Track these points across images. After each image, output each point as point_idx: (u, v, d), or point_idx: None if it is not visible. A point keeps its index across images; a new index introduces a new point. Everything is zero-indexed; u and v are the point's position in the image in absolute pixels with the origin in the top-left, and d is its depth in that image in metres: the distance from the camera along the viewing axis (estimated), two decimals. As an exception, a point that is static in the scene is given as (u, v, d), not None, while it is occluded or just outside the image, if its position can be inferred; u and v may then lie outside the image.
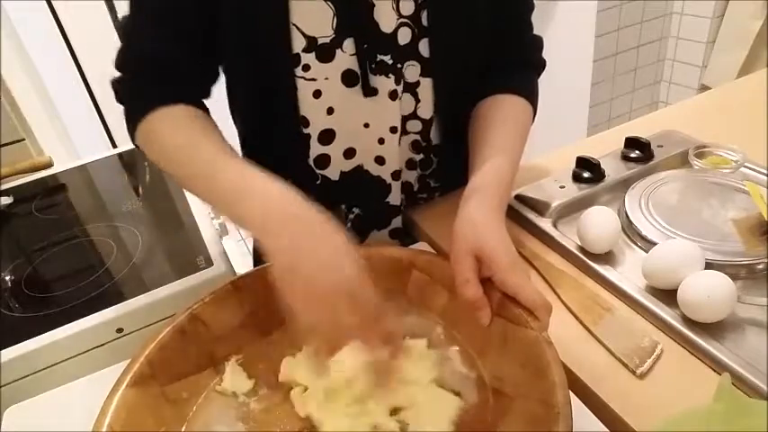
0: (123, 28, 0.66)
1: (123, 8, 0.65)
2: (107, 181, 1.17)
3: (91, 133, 1.56)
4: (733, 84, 1.22)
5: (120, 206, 1.03)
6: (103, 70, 0.68)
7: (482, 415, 0.51)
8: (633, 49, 2.33)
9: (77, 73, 1.53)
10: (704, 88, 2.28)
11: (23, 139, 1.21)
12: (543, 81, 0.78)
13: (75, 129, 1.52)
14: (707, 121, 0.99)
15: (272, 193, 0.53)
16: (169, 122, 0.64)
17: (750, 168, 0.82)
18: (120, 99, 0.67)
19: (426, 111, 0.73)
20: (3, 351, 0.71)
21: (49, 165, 1.21)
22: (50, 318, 0.77)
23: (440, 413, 0.50)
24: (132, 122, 0.65)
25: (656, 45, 2.37)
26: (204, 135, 0.62)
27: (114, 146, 1.57)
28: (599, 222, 0.69)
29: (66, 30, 1.49)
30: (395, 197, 0.78)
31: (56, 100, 1.49)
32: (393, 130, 0.71)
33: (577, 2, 2.10)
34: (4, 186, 1.15)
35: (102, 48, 0.69)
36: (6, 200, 1.09)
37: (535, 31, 0.78)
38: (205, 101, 0.71)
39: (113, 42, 0.67)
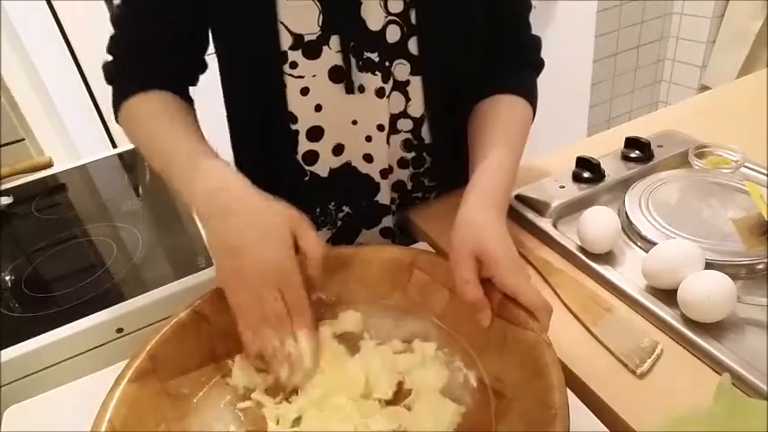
0: (114, 15, 0.68)
1: (123, 8, 0.66)
2: (107, 181, 1.17)
3: (91, 133, 1.56)
4: (733, 84, 1.22)
5: (120, 206, 1.03)
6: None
7: (481, 416, 0.51)
8: (633, 49, 2.33)
9: (77, 73, 1.53)
10: (704, 88, 2.28)
11: (23, 139, 1.21)
12: (543, 81, 0.78)
13: (75, 129, 1.52)
14: (707, 121, 0.99)
15: (213, 179, 0.56)
16: (146, 107, 0.66)
17: (750, 168, 0.82)
18: (108, 79, 0.70)
19: (417, 109, 0.72)
20: (3, 351, 0.71)
21: (49, 165, 1.21)
22: (50, 318, 0.77)
23: (440, 423, 0.50)
24: (116, 102, 0.68)
25: (656, 45, 2.37)
26: (172, 121, 0.65)
27: (114, 146, 1.57)
28: (599, 222, 0.69)
29: (66, 30, 1.48)
30: (384, 196, 0.78)
31: (56, 100, 1.49)
32: (380, 127, 0.71)
33: (577, 2, 2.10)
34: (4, 186, 1.15)
35: (102, 48, 0.70)
36: (6, 200, 1.09)
37: (535, 31, 0.78)
38: (192, 88, 0.73)
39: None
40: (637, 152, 0.85)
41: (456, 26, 0.69)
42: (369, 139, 0.72)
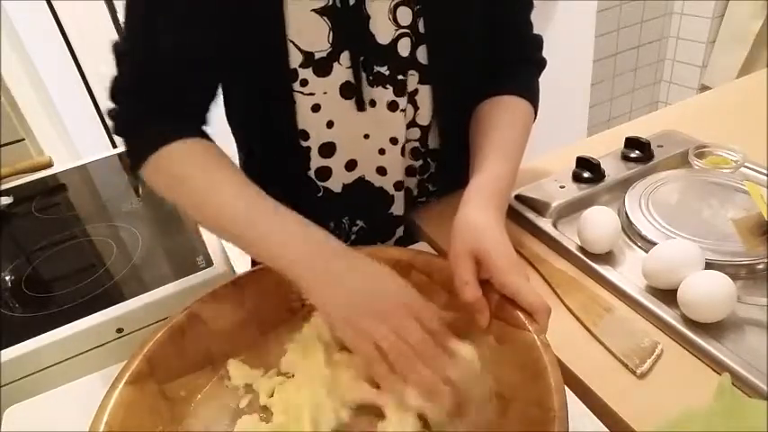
0: (117, 54, 0.62)
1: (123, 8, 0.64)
2: (107, 181, 1.17)
3: (91, 133, 1.56)
4: (733, 84, 1.22)
5: (120, 206, 1.03)
6: (103, 70, 0.68)
7: (480, 417, 0.51)
8: (633, 49, 2.32)
9: (77, 73, 1.53)
10: (704, 88, 2.27)
11: (23, 139, 1.21)
12: (543, 81, 0.78)
13: (75, 129, 1.52)
14: (707, 121, 0.99)
15: (311, 245, 0.54)
16: (184, 163, 0.61)
17: (750, 168, 0.82)
18: (117, 132, 0.64)
19: (424, 118, 0.72)
20: (3, 351, 0.71)
21: (49, 165, 1.21)
22: (50, 318, 0.77)
23: None
24: (137, 159, 0.63)
25: (656, 45, 2.37)
26: (226, 177, 0.60)
27: (114, 146, 1.56)
28: (599, 222, 0.69)
29: (66, 30, 1.49)
30: (398, 207, 0.77)
31: (56, 100, 1.49)
32: (394, 141, 0.71)
33: (577, 2, 2.10)
34: (4, 186, 1.15)
35: (102, 48, 0.69)
36: (6, 200, 1.09)
37: (535, 31, 0.77)
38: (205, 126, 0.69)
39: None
40: (637, 152, 0.85)
41: (463, 32, 0.69)
42: (382, 152, 0.72)
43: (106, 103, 0.65)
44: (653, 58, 2.41)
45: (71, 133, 1.52)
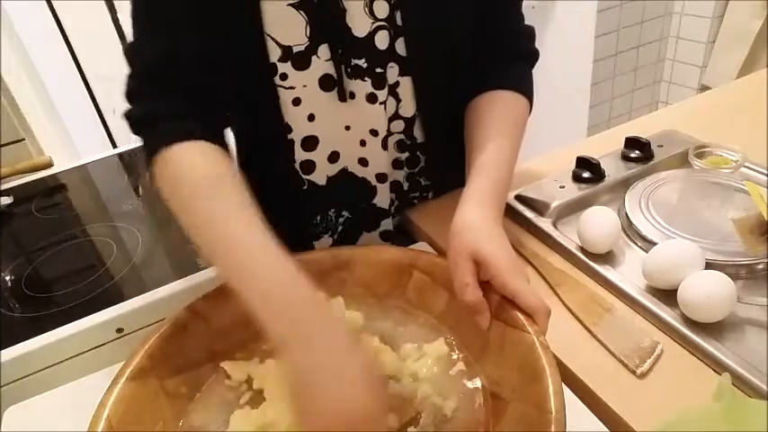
0: (128, 55, 0.63)
1: (123, 8, 0.64)
2: (107, 181, 1.17)
3: (91, 133, 1.56)
4: (733, 84, 1.22)
5: (120, 206, 1.03)
6: (103, 70, 0.68)
7: (478, 418, 0.51)
8: (633, 49, 2.33)
9: (77, 73, 1.53)
10: (704, 88, 2.27)
11: (23, 139, 1.21)
12: (543, 81, 0.78)
13: (75, 129, 1.52)
14: (707, 121, 0.99)
15: (290, 292, 0.49)
16: (184, 165, 0.59)
17: (750, 168, 0.82)
18: (135, 132, 0.63)
19: (408, 110, 0.72)
20: (3, 351, 0.71)
21: (49, 165, 1.21)
22: (50, 318, 0.77)
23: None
24: (149, 156, 0.61)
25: (656, 45, 2.37)
26: (218, 192, 0.56)
27: (114, 146, 1.57)
28: (599, 222, 0.69)
29: (66, 30, 1.48)
30: (382, 200, 0.78)
31: (56, 100, 1.49)
32: (374, 132, 0.71)
33: (577, 2, 2.10)
34: (4, 186, 1.15)
35: (102, 48, 0.69)
36: (6, 200, 1.09)
37: (535, 32, 0.77)
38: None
39: (113, 42, 0.67)
40: (637, 152, 0.85)
41: (444, 24, 0.68)
42: (363, 143, 0.72)
43: (107, 103, 0.65)
44: (653, 58, 2.41)
45: (71, 133, 1.52)
